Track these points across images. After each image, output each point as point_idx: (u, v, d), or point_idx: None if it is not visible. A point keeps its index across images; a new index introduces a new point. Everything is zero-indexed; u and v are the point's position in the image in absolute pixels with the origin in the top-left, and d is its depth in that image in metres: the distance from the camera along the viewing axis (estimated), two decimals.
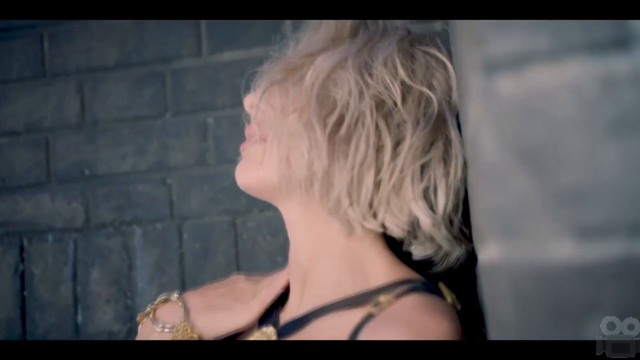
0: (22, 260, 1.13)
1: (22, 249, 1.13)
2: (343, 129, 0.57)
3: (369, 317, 0.54)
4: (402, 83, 0.59)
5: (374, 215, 0.58)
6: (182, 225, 1.09)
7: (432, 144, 0.58)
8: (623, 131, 0.31)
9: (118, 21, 1.14)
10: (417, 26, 0.73)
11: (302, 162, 0.58)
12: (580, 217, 0.31)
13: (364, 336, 0.53)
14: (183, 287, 1.08)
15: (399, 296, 0.55)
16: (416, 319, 0.51)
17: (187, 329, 0.65)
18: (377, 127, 0.57)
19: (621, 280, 0.31)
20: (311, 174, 0.58)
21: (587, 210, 0.31)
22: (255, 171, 0.62)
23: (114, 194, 1.11)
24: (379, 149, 0.57)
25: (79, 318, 1.10)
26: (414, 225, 0.58)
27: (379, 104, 0.58)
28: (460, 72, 0.53)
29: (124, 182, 1.11)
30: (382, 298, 0.55)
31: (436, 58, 0.62)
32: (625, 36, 0.31)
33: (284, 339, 0.60)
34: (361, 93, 0.58)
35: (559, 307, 0.31)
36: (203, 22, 1.12)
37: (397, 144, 0.57)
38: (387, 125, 0.58)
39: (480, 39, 0.33)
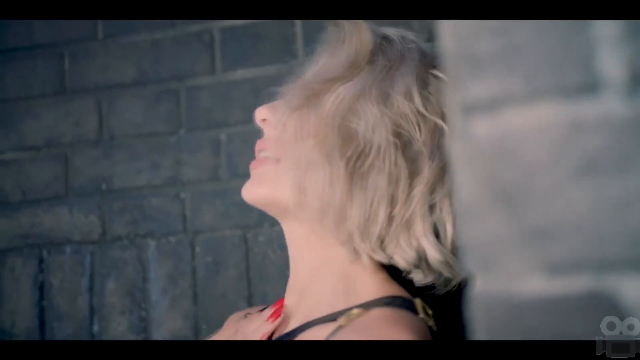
0: (42, 271, 1.17)
1: (41, 261, 1.17)
2: (364, 165, 0.58)
3: (339, 329, 0.56)
4: (419, 113, 0.60)
5: (383, 249, 0.59)
6: (194, 239, 1.12)
7: (442, 179, 0.58)
8: (590, 173, 0.32)
9: (134, 40, 1.17)
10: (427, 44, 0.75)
11: (318, 192, 0.58)
12: (550, 253, 0.33)
13: None
14: (195, 299, 1.10)
15: (369, 309, 0.57)
16: (378, 329, 0.53)
17: None
18: (396, 163, 0.58)
19: (588, 313, 0.32)
20: (326, 205, 0.58)
21: (556, 247, 0.33)
22: (264, 189, 0.63)
23: (129, 208, 1.14)
24: (395, 184, 0.58)
25: (95, 328, 1.13)
26: (420, 258, 0.59)
27: (399, 138, 0.58)
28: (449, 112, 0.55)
29: (139, 197, 1.14)
30: (355, 311, 0.57)
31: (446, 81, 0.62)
32: (593, 82, 0.33)
33: None
34: (382, 127, 0.58)
35: (528, 338, 0.33)
36: (217, 40, 1.15)
37: (412, 180, 0.58)
38: (405, 160, 0.58)
39: (459, 82, 0.35)
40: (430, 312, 0.58)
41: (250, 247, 1.09)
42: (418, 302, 0.59)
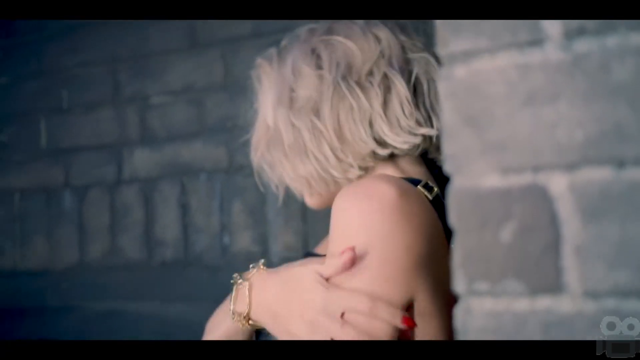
0: (183, 194, 1.43)
1: (182, 186, 1.43)
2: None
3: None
4: (318, 71, 0.85)
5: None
6: None
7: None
8: (533, 103, 0.45)
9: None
10: None
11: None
12: (503, 160, 0.46)
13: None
14: (304, 219, 1.31)
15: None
16: (367, 179, 0.69)
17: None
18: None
19: (526, 200, 0.46)
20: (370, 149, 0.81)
21: (507, 156, 0.46)
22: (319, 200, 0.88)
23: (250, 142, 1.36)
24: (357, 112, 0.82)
25: (226, 240, 1.38)
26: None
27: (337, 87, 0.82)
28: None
29: None
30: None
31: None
32: (539, 36, 0.45)
33: None
34: (320, 80, 0.82)
35: (485, 218, 0.47)
36: None
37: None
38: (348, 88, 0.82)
39: (445, 41, 0.49)
40: (435, 189, 0.72)
41: None
42: (429, 181, 0.74)
